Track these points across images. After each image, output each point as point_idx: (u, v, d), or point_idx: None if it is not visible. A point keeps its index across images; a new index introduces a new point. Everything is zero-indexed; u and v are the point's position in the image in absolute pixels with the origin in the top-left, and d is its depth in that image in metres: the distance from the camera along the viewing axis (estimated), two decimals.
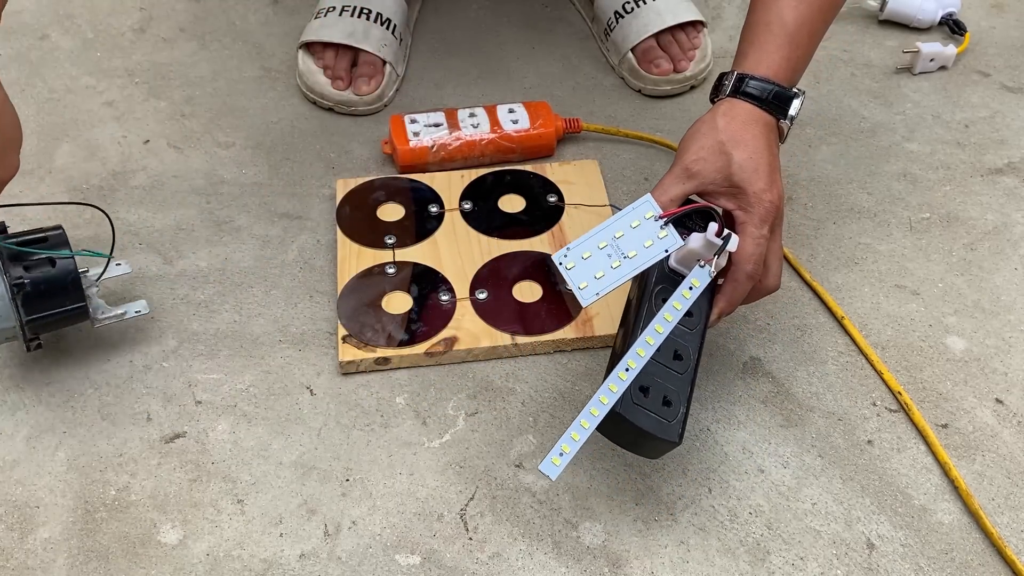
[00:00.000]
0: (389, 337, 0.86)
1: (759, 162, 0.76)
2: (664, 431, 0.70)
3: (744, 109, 0.78)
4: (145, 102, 1.10)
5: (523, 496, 0.78)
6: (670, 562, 0.74)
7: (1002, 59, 1.14)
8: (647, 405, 0.70)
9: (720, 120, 0.77)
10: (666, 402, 0.71)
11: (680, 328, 0.73)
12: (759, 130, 0.78)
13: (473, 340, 0.86)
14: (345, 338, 0.86)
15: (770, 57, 0.79)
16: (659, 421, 0.70)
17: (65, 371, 0.86)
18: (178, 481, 0.79)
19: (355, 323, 0.87)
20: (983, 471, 0.79)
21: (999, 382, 0.85)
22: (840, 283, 0.92)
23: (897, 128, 1.07)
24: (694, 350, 0.74)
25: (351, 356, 0.85)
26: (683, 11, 1.10)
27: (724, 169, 0.76)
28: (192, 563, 0.74)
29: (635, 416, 0.70)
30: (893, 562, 0.74)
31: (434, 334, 0.86)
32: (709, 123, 0.78)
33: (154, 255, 0.95)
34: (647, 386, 0.71)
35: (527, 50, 1.17)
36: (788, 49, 0.79)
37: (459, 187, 0.99)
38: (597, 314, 0.88)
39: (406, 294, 0.90)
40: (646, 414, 0.70)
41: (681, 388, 0.72)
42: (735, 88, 0.78)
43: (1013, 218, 0.98)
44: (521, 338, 0.86)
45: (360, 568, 0.74)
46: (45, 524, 0.77)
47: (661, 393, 0.71)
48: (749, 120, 0.78)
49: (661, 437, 0.70)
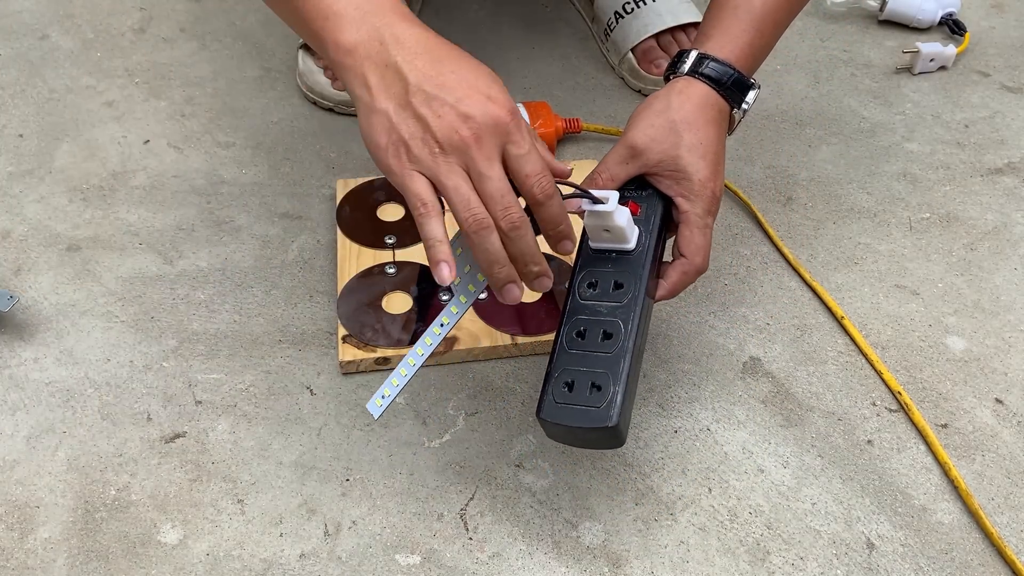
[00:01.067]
0: (389, 337, 0.86)
1: (707, 149, 0.73)
2: (596, 419, 0.67)
3: (701, 91, 0.75)
4: (145, 102, 1.10)
5: (523, 496, 0.78)
6: (670, 562, 0.74)
7: (1002, 59, 1.14)
8: (573, 400, 0.68)
9: (675, 99, 0.74)
10: (595, 387, 0.68)
11: (606, 305, 0.70)
12: (712, 115, 0.75)
13: (473, 340, 0.86)
14: (345, 338, 0.86)
15: (734, 41, 0.76)
16: (587, 411, 0.67)
17: (65, 371, 0.86)
18: (178, 481, 0.79)
19: (355, 323, 0.87)
20: (983, 471, 0.79)
21: (999, 382, 0.85)
22: (840, 283, 0.92)
23: (897, 128, 1.07)
24: (627, 324, 0.69)
25: (351, 356, 0.85)
26: (683, 12, 1.10)
27: (672, 151, 0.73)
28: (192, 563, 0.74)
29: (559, 416, 0.67)
30: (893, 562, 0.74)
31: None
32: (663, 100, 0.74)
33: (154, 255, 0.95)
34: (571, 380, 0.68)
35: (527, 50, 1.17)
36: (753, 35, 0.76)
37: None
38: None
39: (406, 294, 0.90)
40: (571, 409, 0.67)
41: (612, 368, 0.68)
42: (694, 68, 0.75)
43: (1013, 218, 0.98)
44: (521, 338, 0.86)
45: (360, 568, 0.74)
46: (45, 524, 0.77)
47: (588, 381, 0.68)
48: (705, 103, 0.75)
49: (594, 427, 0.67)
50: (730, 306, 0.91)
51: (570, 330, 0.71)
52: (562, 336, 0.71)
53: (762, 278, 0.93)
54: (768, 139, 1.06)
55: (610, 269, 0.72)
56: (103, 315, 0.90)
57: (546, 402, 0.68)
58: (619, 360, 0.68)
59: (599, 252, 0.73)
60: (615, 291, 0.71)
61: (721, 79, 0.75)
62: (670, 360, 0.86)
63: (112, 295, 0.91)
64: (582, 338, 0.70)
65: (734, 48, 0.76)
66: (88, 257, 0.94)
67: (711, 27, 0.78)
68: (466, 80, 0.65)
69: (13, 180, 1.02)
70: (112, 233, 0.97)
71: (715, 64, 0.75)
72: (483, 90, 0.65)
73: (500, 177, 0.64)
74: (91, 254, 0.95)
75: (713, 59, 0.75)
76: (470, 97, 0.64)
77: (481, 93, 0.64)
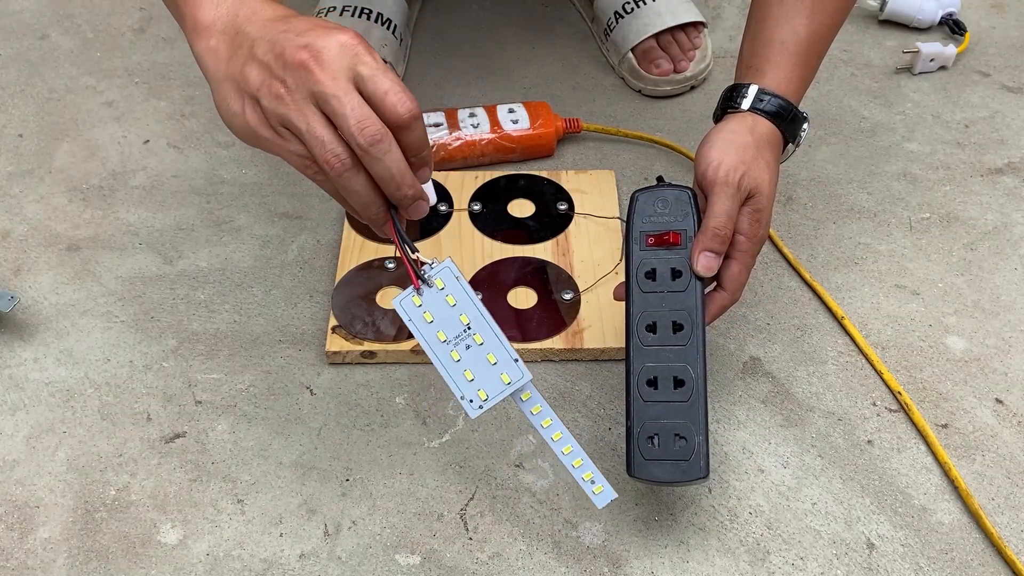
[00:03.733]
0: (378, 331, 0.86)
1: (772, 196, 0.74)
2: (688, 473, 0.69)
3: (769, 130, 0.75)
4: (145, 102, 1.10)
5: (523, 496, 0.78)
6: (670, 562, 0.74)
7: (1002, 59, 1.14)
8: (660, 455, 0.69)
9: (751, 136, 0.74)
10: (679, 438, 0.69)
11: (671, 350, 0.71)
12: (775, 155, 0.76)
13: None
14: (335, 328, 0.86)
15: (788, 75, 0.76)
16: (677, 465, 0.69)
17: (65, 371, 0.86)
18: (178, 481, 0.79)
19: (346, 314, 0.87)
20: (983, 471, 0.79)
21: (999, 382, 0.85)
22: (840, 283, 0.92)
23: (897, 128, 1.07)
24: (695, 368, 0.71)
25: (338, 347, 0.85)
26: (683, 12, 1.10)
27: (763, 192, 0.73)
28: (192, 563, 0.74)
29: (651, 474, 0.69)
30: (893, 562, 0.74)
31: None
32: (742, 137, 0.74)
33: (154, 255, 0.95)
34: (654, 434, 0.70)
35: (527, 50, 1.17)
36: (803, 69, 0.77)
37: (471, 188, 0.99)
38: (589, 327, 0.87)
39: (401, 290, 0.88)
40: (661, 465, 0.69)
41: (691, 417, 0.70)
42: (756, 104, 0.76)
43: (1013, 218, 0.98)
44: (516, 345, 0.85)
45: (360, 568, 0.74)
46: (45, 524, 0.77)
47: (671, 433, 0.70)
48: (771, 141, 0.76)
49: (686, 480, 0.69)
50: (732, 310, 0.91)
51: (640, 380, 0.71)
52: (635, 386, 0.71)
53: (762, 278, 0.93)
54: None
55: (666, 309, 0.72)
56: (103, 315, 0.90)
57: (635, 460, 0.70)
58: (696, 408, 0.70)
59: (651, 290, 0.73)
60: (676, 334, 0.72)
61: (784, 115, 0.76)
62: None
63: (112, 295, 0.91)
64: (654, 387, 0.71)
65: (789, 83, 0.76)
66: (88, 257, 0.94)
67: (761, 62, 0.77)
68: (312, 23, 0.61)
69: (13, 180, 1.02)
70: (112, 233, 0.97)
71: (776, 100, 0.76)
72: (328, 27, 0.60)
73: (348, 92, 0.58)
74: (91, 254, 0.95)
75: (773, 95, 0.76)
76: (312, 31, 0.59)
77: (324, 27, 0.60)
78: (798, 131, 0.78)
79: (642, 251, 0.74)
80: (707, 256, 0.72)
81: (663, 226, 0.73)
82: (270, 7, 0.64)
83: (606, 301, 0.88)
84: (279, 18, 0.62)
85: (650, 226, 0.74)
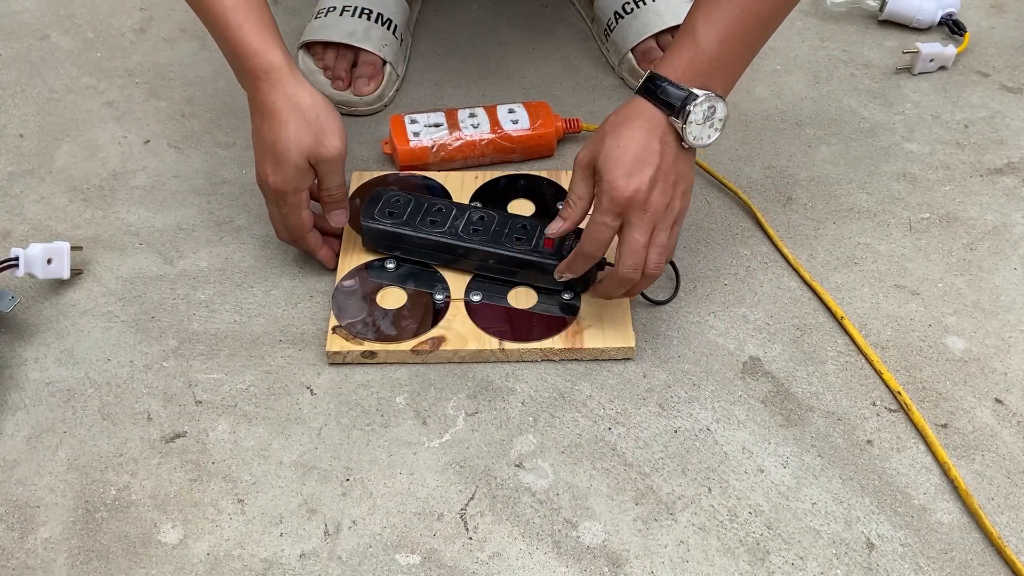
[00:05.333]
0: (378, 331, 0.86)
1: (624, 152, 0.77)
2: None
3: (637, 105, 0.79)
4: (145, 102, 1.10)
5: (523, 496, 0.78)
6: (670, 562, 0.74)
7: (1002, 59, 1.14)
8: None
9: (613, 116, 0.80)
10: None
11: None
12: (641, 123, 0.78)
13: (460, 341, 0.86)
14: (335, 328, 0.86)
15: (679, 60, 0.79)
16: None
17: (65, 371, 0.86)
18: (178, 481, 0.79)
19: (346, 314, 0.88)
20: (983, 471, 0.79)
21: (999, 382, 0.85)
22: (840, 283, 0.92)
23: (897, 128, 1.07)
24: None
25: (338, 347, 0.85)
26: (683, 12, 1.09)
27: (594, 156, 0.79)
28: (192, 563, 0.74)
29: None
30: (893, 562, 0.74)
31: (423, 332, 0.86)
32: (606, 125, 0.80)
33: (154, 255, 0.95)
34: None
35: (527, 50, 1.17)
36: (693, 53, 0.79)
37: (472, 187, 0.99)
38: (589, 326, 0.87)
39: (401, 290, 0.90)
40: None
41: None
42: (643, 87, 0.80)
43: (1013, 218, 0.98)
44: (509, 344, 0.86)
45: (360, 568, 0.74)
46: (45, 524, 0.77)
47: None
48: (634, 113, 0.79)
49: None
50: (730, 306, 0.91)
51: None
52: None
53: (762, 278, 0.93)
54: (768, 139, 1.06)
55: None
56: (103, 315, 0.90)
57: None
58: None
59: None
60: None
61: (659, 94, 0.78)
62: (670, 360, 0.86)
63: (112, 295, 0.91)
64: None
65: (677, 67, 0.79)
66: (89, 257, 0.94)
67: (668, 49, 0.84)
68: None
69: (13, 180, 1.02)
70: (112, 233, 0.97)
71: (658, 82, 0.79)
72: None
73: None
74: (91, 254, 0.95)
75: (658, 77, 0.79)
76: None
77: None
78: (685, 107, 0.77)
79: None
80: (557, 222, 0.84)
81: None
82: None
83: (606, 300, 0.88)
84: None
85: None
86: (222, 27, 0.83)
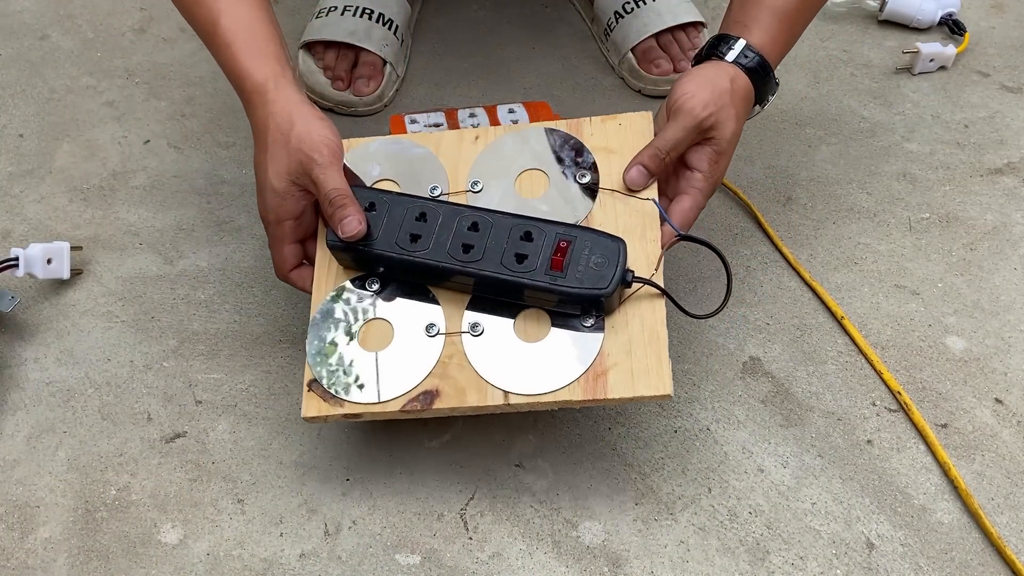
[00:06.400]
0: (361, 387, 0.72)
1: (734, 144, 0.77)
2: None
3: (745, 84, 0.78)
4: (145, 102, 1.10)
5: (523, 496, 0.78)
6: (670, 562, 0.74)
7: (1002, 59, 1.14)
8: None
9: (730, 84, 0.76)
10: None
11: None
12: (745, 109, 0.78)
13: (458, 396, 0.71)
14: (311, 384, 0.73)
15: (773, 38, 0.78)
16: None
17: (65, 371, 0.86)
18: (178, 481, 0.79)
19: (322, 364, 0.73)
20: (983, 471, 0.79)
21: (999, 382, 0.85)
22: (840, 283, 0.92)
23: (897, 128, 1.07)
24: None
25: (315, 411, 0.72)
26: (683, 12, 1.10)
27: (725, 136, 0.76)
28: (192, 563, 0.74)
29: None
30: (893, 562, 0.74)
31: (413, 383, 0.72)
32: (721, 81, 0.76)
33: (154, 255, 0.95)
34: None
35: (527, 50, 1.17)
36: (787, 34, 0.79)
37: (471, 153, 0.80)
38: (615, 365, 0.71)
39: (387, 323, 0.75)
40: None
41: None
42: (740, 58, 0.77)
43: (1013, 218, 0.98)
44: (516, 397, 0.71)
45: (360, 568, 0.74)
46: (45, 524, 0.77)
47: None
48: (746, 97, 0.78)
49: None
50: (730, 306, 0.91)
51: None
52: None
53: (762, 278, 0.93)
54: (768, 139, 1.06)
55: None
56: (103, 315, 0.90)
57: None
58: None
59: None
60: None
61: (759, 73, 0.78)
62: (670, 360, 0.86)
63: (112, 295, 0.91)
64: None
65: (773, 44, 0.78)
66: (89, 257, 0.94)
67: (749, 18, 0.79)
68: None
69: (13, 180, 1.02)
70: (112, 233, 0.97)
71: (758, 58, 0.78)
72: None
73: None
74: (91, 254, 0.95)
75: (756, 53, 0.78)
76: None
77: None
78: (767, 94, 0.80)
79: None
80: (638, 169, 0.76)
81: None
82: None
83: (638, 325, 0.72)
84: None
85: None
86: (213, 48, 0.79)
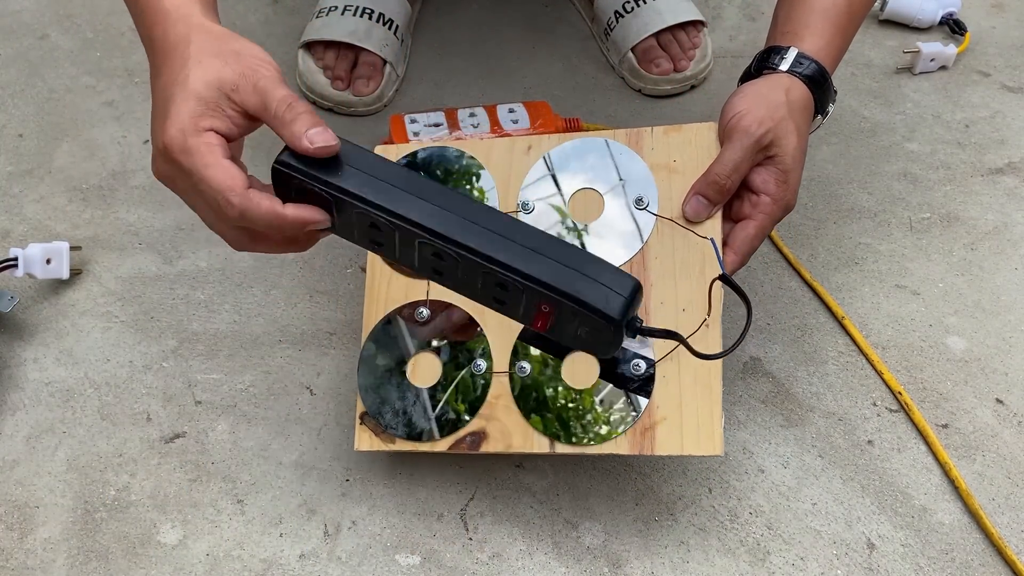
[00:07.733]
0: (410, 424, 0.73)
1: (801, 160, 0.71)
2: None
3: (804, 94, 0.72)
4: (145, 102, 1.10)
5: (523, 496, 0.78)
6: (670, 562, 0.74)
7: (1002, 59, 1.14)
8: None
9: (786, 96, 0.70)
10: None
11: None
12: (806, 121, 0.72)
13: (504, 439, 0.70)
14: (363, 417, 0.74)
15: (828, 43, 0.73)
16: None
17: (64, 371, 0.86)
18: (178, 481, 0.79)
19: (375, 397, 0.73)
20: (983, 471, 0.79)
21: (999, 382, 0.85)
22: (840, 283, 0.92)
23: (897, 128, 1.07)
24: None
25: (367, 446, 0.73)
26: (683, 11, 1.09)
27: (788, 152, 0.70)
28: (192, 563, 0.74)
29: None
30: (893, 562, 0.74)
31: (461, 425, 0.72)
32: (775, 94, 0.70)
33: (154, 255, 0.95)
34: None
35: (527, 50, 1.17)
36: (841, 39, 0.74)
37: (523, 168, 0.76)
38: (665, 419, 0.68)
39: (435, 357, 0.74)
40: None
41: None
42: (794, 67, 0.72)
43: (1013, 218, 0.98)
44: (562, 446, 0.69)
45: (360, 568, 0.74)
46: (45, 524, 0.77)
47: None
48: (806, 107, 0.72)
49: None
50: (730, 306, 0.91)
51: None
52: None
53: (762, 278, 0.93)
54: None
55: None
56: (103, 315, 0.90)
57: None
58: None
59: None
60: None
61: (818, 81, 0.72)
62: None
63: (112, 295, 0.91)
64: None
65: (829, 49, 0.73)
66: (88, 257, 0.94)
67: (799, 25, 0.74)
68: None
69: (13, 180, 1.02)
70: (112, 233, 0.97)
71: (815, 67, 0.72)
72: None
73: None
74: (90, 254, 0.95)
75: (811, 59, 0.72)
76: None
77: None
78: (828, 102, 0.75)
79: None
80: (698, 199, 0.69)
81: None
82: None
83: (690, 376, 0.68)
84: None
85: None
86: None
